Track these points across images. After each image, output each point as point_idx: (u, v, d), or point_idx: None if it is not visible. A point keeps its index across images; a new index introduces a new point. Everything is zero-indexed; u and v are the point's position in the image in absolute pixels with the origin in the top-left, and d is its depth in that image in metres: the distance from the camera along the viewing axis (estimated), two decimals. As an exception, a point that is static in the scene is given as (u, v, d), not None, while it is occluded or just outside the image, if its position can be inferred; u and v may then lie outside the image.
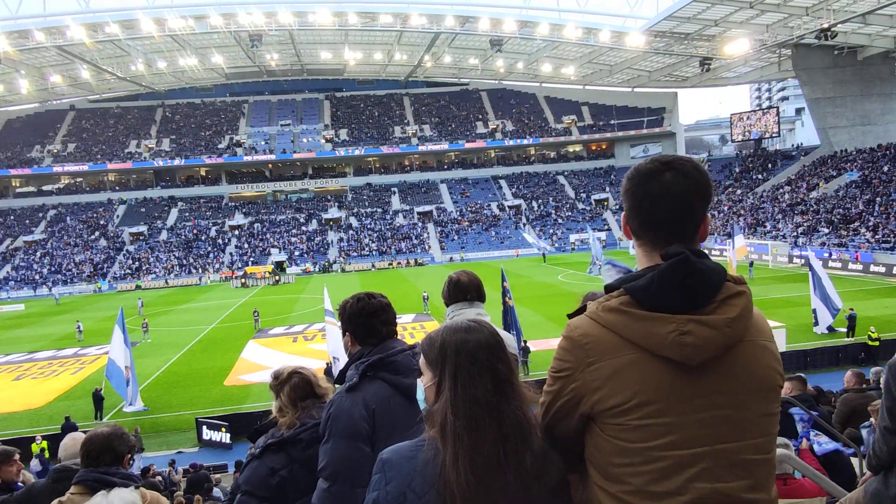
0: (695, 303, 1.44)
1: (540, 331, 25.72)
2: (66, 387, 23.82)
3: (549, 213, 72.11)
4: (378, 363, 2.44)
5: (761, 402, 1.48)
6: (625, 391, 1.43)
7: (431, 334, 1.69)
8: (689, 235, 1.53)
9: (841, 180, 52.45)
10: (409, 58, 74.96)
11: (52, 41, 55.73)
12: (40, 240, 66.77)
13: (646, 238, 1.56)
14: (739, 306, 1.46)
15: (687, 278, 1.43)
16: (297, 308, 38.94)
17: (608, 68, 72.66)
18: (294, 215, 73.27)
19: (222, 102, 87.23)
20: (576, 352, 1.49)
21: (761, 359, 1.49)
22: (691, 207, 1.52)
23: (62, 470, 3.33)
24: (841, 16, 45.47)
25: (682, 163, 1.53)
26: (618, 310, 1.46)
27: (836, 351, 20.98)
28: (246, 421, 17.85)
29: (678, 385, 1.42)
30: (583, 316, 1.53)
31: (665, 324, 1.42)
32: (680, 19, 52.06)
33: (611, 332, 1.46)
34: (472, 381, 1.56)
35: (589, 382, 1.46)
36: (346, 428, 2.30)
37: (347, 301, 2.66)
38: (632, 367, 1.43)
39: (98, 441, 2.91)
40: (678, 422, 1.41)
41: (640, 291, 1.45)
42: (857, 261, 39.20)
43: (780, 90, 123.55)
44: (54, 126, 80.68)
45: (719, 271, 1.48)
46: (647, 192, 1.51)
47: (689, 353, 1.40)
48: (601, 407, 1.46)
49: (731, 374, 1.45)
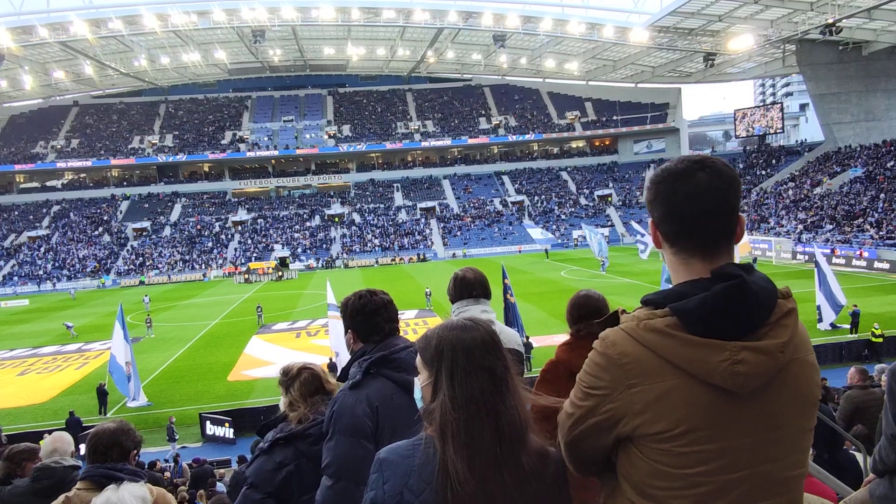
0: (749, 329, 1.36)
1: (543, 327, 25.74)
2: (71, 382, 23.89)
3: (552, 209, 72.03)
4: (381, 360, 2.44)
5: (802, 419, 1.44)
6: (669, 417, 1.36)
7: (427, 333, 1.68)
8: (728, 238, 1.46)
9: (845, 176, 52.30)
10: (411, 53, 74.85)
11: (55, 37, 55.78)
12: (44, 235, 66.94)
13: (682, 245, 1.46)
14: (791, 327, 1.40)
15: (744, 304, 1.35)
16: (300, 304, 38.99)
17: (612, 64, 72.49)
18: (297, 211, 73.32)
19: (225, 98, 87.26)
20: (613, 371, 1.40)
21: (807, 376, 1.44)
22: (730, 207, 1.44)
23: (43, 468, 3.31)
24: (846, 11, 45.25)
25: (714, 161, 1.45)
26: (663, 332, 1.37)
27: (840, 347, 20.93)
28: (249, 416, 17.89)
29: (726, 412, 1.36)
30: (620, 331, 1.43)
31: (717, 351, 1.33)
32: (684, 14, 51.89)
33: (653, 353, 1.37)
34: (469, 380, 1.55)
35: (630, 405, 1.39)
36: (349, 425, 2.30)
37: (349, 298, 2.66)
38: (677, 394, 1.36)
39: (105, 437, 2.91)
40: (724, 447, 1.37)
41: (690, 315, 1.35)
42: (861, 257, 39.09)
43: (785, 86, 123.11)
44: (58, 122, 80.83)
45: (773, 290, 1.40)
46: (683, 194, 1.42)
47: (742, 382, 1.34)
48: (643, 431, 1.38)
49: (779, 396, 1.40)
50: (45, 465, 3.34)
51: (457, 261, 59.82)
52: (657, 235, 1.51)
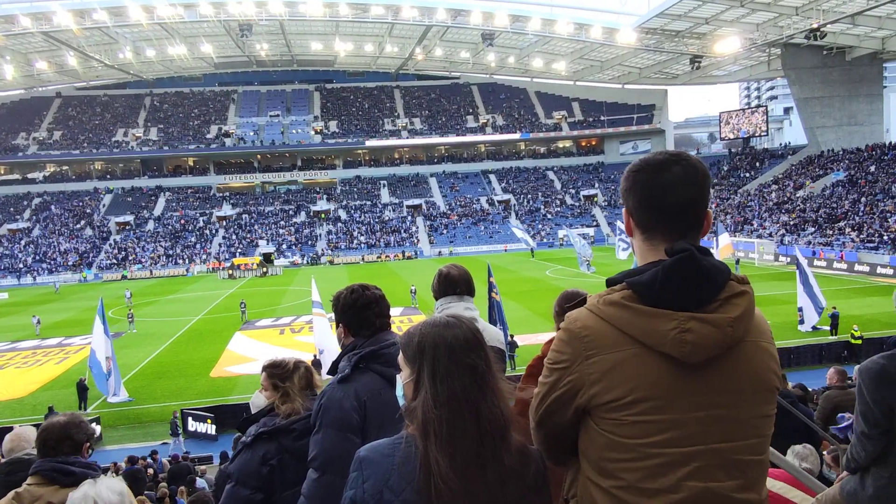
0: (698, 301, 1.43)
1: (528, 325, 25.83)
2: (51, 376, 23.62)
3: (538, 209, 72.23)
4: (370, 355, 2.44)
5: (758, 403, 1.47)
6: (622, 386, 1.41)
7: (410, 330, 1.68)
8: (697, 228, 1.53)
9: (827, 180, 52.92)
10: (400, 50, 74.69)
11: (38, 27, 55.05)
12: (25, 228, 66.07)
13: (654, 231, 1.52)
14: (742, 306, 1.45)
15: (691, 275, 1.42)
16: (284, 300, 38.82)
17: (599, 64, 72.81)
18: (282, 207, 72.90)
19: (211, 92, 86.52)
20: (574, 344, 1.47)
21: (761, 360, 1.48)
22: (702, 199, 1.51)
23: (16, 462, 3.24)
24: (830, 16, 45.80)
25: (688, 156, 1.53)
26: (619, 304, 1.45)
27: (820, 349, 21.22)
28: (231, 413, 17.79)
29: (677, 382, 1.42)
30: (582, 308, 1.51)
31: (667, 320, 1.40)
32: (671, 17, 52.23)
33: (611, 325, 1.44)
34: (451, 377, 1.54)
35: (586, 375, 1.45)
36: (336, 419, 2.30)
37: (341, 292, 2.66)
38: (631, 362, 1.42)
39: (55, 430, 2.84)
40: (675, 419, 1.41)
41: (643, 286, 1.44)
42: (842, 260, 39.63)
43: (769, 89, 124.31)
44: (40, 113, 79.72)
45: (724, 270, 1.47)
46: (660, 183, 1.49)
47: (690, 350, 1.39)
48: (598, 401, 1.44)
49: (731, 374, 1.44)
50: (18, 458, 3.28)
51: (443, 259, 59.79)
52: (630, 223, 1.58)
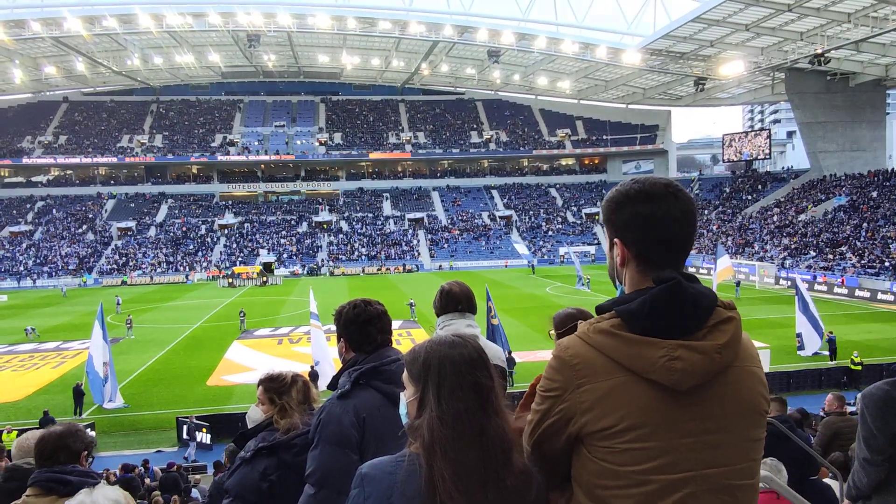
0: (685, 328, 1.44)
1: (527, 342, 25.75)
2: (47, 380, 23.55)
3: (540, 225, 72.30)
4: (371, 371, 2.44)
5: (748, 427, 1.48)
6: (614, 414, 1.42)
7: (415, 348, 1.68)
8: (687, 256, 1.55)
9: (829, 204, 52.98)
10: (406, 65, 75.15)
11: (48, 32, 55.45)
12: (27, 231, 66.16)
13: (652, 263, 1.52)
14: (729, 332, 1.46)
15: (678, 303, 1.43)
16: (283, 310, 38.77)
17: (603, 84, 73.17)
18: (284, 217, 73.02)
19: (217, 101, 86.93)
20: (565, 372, 1.48)
21: (749, 384, 1.49)
22: (695, 228, 1.54)
23: (14, 469, 3.22)
24: (834, 42, 46.06)
25: (678, 185, 1.54)
26: (608, 332, 1.45)
27: (819, 374, 21.14)
28: (227, 422, 17.71)
29: (667, 409, 1.42)
30: (573, 336, 1.52)
31: (655, 348, 1.41)
32: (676, 38, 52.56)
33: (601, 353, 1.45)
34: (455, 397, 1.54)
35: (578, 404, 1.45)
36: (335, 434, 2.29)
37: (344, 307, 2.65)
38: (621, 391, 1.42)
39: (51, 440, 2.81)
40: (666, 446, 1.41)
41: (630, 315, 1.44)
42: (843, 285, 39.56)
43: (773, 112, 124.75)
44: (46, 117, 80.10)
45: (710, 296, 1.48)
46: (664, 217, 1.50)
47: (679, 378, 1.40)
48: (590, 429, 1.44)
49: (720, 400, 1.45)
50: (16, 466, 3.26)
51: (443, 273, 59.80)
52: (626, 254, 1.56)
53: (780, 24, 46.16)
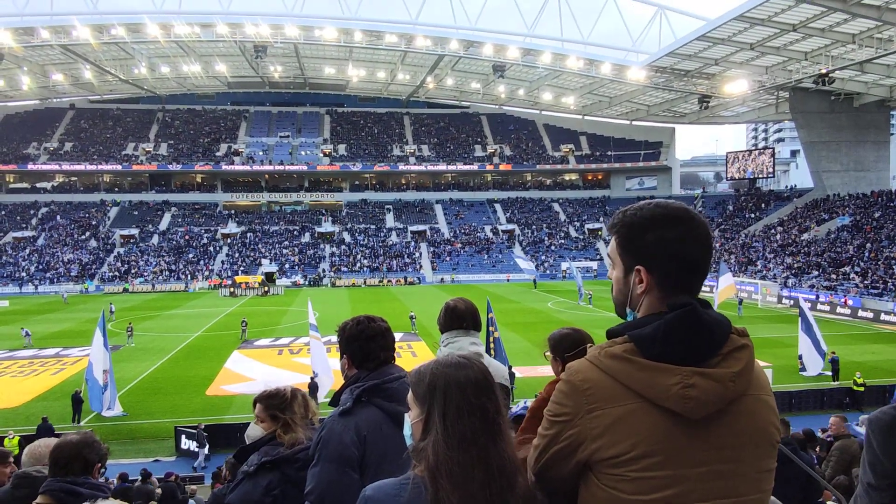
0: (700, 355, 1.41)
1: (528, 357, 25.64)
2: (46, 387, 23.48)
3: (542, 240, 72.30)
4: (373, 389, 2.41)
5: (760, 458, 1.46)
6: (625, 441, 1.38)
7: (421, 368, 1.65)
8: (705, 279, 1.53)
9: (832, 224, 52.95)
10: (411, 78, 75.54)
11: (57, 40, 55.85)
12: (30, 237, 66.29)
13: (674, 288, 1.48)
14: (744, 360, 1.44)
15: (693, 330, 1.41)
16: (284, 320, 38.69)
17: (608, 100, 73.49)
18: (287, 227, 73.11)
19: (223, 110, 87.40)
20: (575, 397, 1.44)
21: (762, 414, 1.47)
22: (713, 250, 1.53)
23: (24, 476, 3.21)
24: (839, 63, 46.26)
25: (692, 208, 1.53)
26: (621, 357, 1.43)
27: (822, 394, 21.00)
28: (226, 433, 17.61)
29: (680, 438, 1.39)
30: (584, 360, 1.49)
31: (669, 375, 1.38)
32: (681, 56, 52.82)
33: (613, 379, 1.42)
34: (461, 420, 1.52)
35: (589, 430, 1.42)
36: (335, 452, 2.26)
37: (347, 323, 2.64)
38: (633, 418, 1.39)
39: (67, 449, 2.83)
40: (677, 475, 1.38)
41: (645, 340, 1.42)
42: (846, 305, 39.42)
43: (777, 131, 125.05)
44: (53, 124, 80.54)
45: (725, 323, 1.45)
46: (684, 237, 1.47)
47: (693, 406, 1.37)
48: (600, 456, 1.41)
49: (733, 429, 1.42)
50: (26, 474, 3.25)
51: (445, 286, 59.74)
52: (649, 281, 1.50)
53: (785, 43, 46.39)
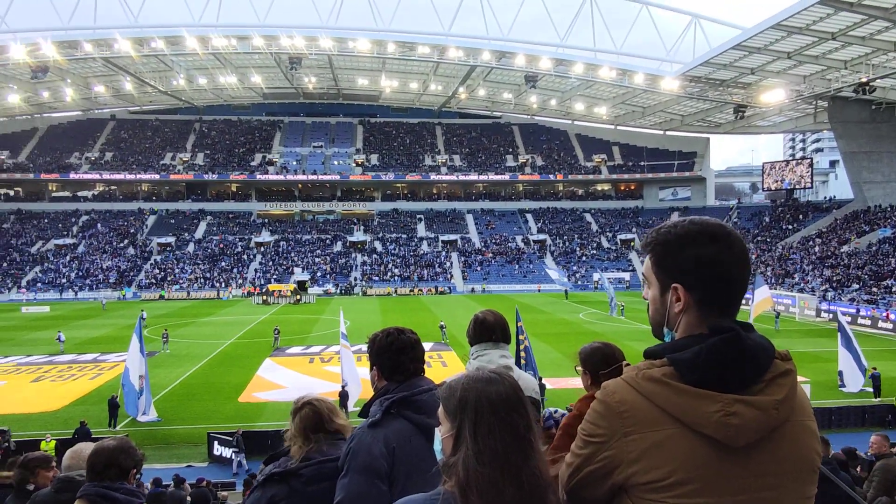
0: (742, 382, 1.38)
1: (559, 368, 25.43)
2: (84, 391, 24.02)
3: (574, 250, 71.79)
4: (402, 401, 2.40)
5: (802, 484, 1.42)
6: (663, 467, 1.36)
7: (451, 383, 1.63)
8: (743, 297, 1.49)
9: (873, 236, 51.57)
10: (443, 88, 75.95)
11: (99, 53, 57.48)
12: (71, 244, 68.07)
13: (713, 308, 1.45)
14: (787, 386, 1.40)
15: (737, 357, 1.37)
16: (315, 329, 39.00)
17: (641, 110, 72.88)
18: (319, 236, 73.87)
19: (258, 121, 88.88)
20: (611, 419, 1.41)
21: (805, 440, 1.43)
22: (751, 266, 1.49)
23: (67, 481, 3.30)
24: (880, 71, 45.19)
25: (729, 226, 1.49)
26: (660, 380, 1.39)
27: (863, 411, 20.36)
28: (257, 439, 17.77)
29: (719, 465, 1.35)
30: (620, 381, 1.45)
31: (710, 402, 1.35)
32: (716, 66, 52.16)
33: (650, 402, 1.39)
34: (492, 436, 1.49)
35: (625, 453, 1.39)
36: (364, 464, 2.26)
37: (377, 335, 2.64)
38: (671, 443, 1.36)
39: (104, 455, 2.89)
40: (716, 503, 1.35)
41: (685, 365, 1.38)
42: (888, 319, 38.25)
43: (815, 141, 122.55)
44: (94, 134, 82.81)
45: (769, 348, 1.42)
46: (724, 255, 1.44)
47: (734, 434, 1.33)
48: (636, 480, 1.38)
49: (774, 457, 1.39)
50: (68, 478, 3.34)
51: (475, 296, 59.65)
52: (688, 300, 1.47)
53: (824, 52, 45.52)
